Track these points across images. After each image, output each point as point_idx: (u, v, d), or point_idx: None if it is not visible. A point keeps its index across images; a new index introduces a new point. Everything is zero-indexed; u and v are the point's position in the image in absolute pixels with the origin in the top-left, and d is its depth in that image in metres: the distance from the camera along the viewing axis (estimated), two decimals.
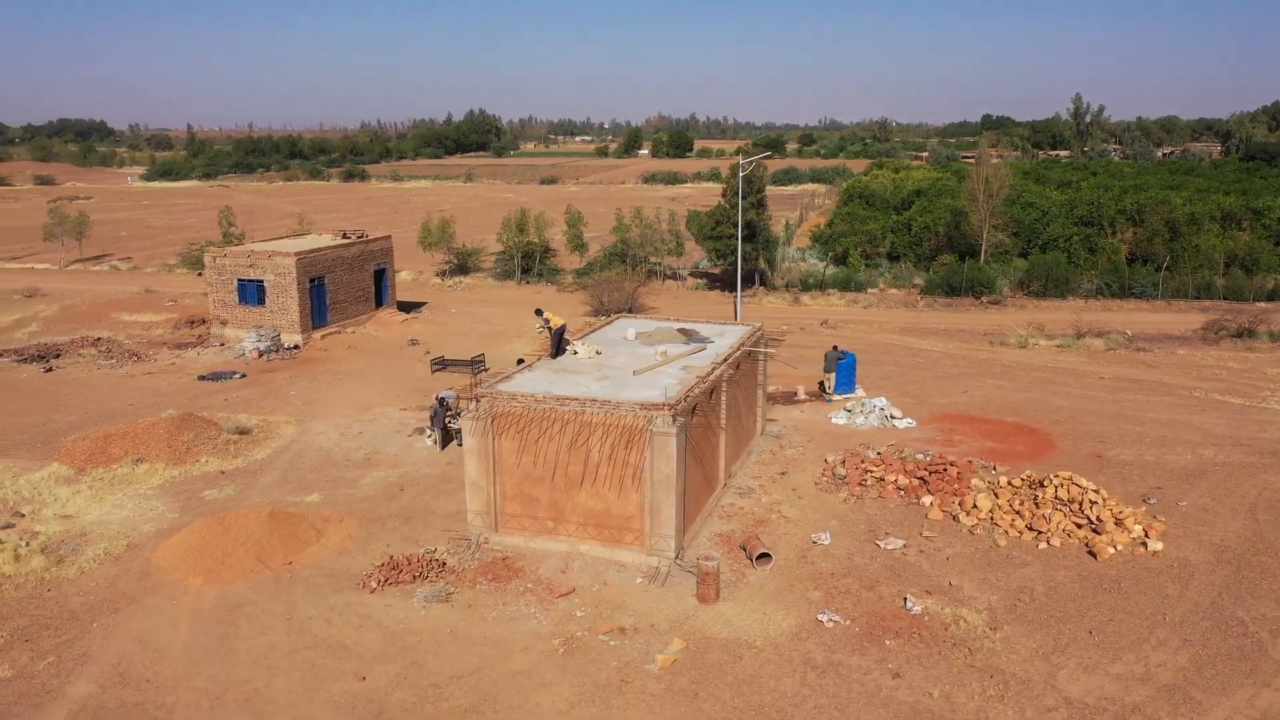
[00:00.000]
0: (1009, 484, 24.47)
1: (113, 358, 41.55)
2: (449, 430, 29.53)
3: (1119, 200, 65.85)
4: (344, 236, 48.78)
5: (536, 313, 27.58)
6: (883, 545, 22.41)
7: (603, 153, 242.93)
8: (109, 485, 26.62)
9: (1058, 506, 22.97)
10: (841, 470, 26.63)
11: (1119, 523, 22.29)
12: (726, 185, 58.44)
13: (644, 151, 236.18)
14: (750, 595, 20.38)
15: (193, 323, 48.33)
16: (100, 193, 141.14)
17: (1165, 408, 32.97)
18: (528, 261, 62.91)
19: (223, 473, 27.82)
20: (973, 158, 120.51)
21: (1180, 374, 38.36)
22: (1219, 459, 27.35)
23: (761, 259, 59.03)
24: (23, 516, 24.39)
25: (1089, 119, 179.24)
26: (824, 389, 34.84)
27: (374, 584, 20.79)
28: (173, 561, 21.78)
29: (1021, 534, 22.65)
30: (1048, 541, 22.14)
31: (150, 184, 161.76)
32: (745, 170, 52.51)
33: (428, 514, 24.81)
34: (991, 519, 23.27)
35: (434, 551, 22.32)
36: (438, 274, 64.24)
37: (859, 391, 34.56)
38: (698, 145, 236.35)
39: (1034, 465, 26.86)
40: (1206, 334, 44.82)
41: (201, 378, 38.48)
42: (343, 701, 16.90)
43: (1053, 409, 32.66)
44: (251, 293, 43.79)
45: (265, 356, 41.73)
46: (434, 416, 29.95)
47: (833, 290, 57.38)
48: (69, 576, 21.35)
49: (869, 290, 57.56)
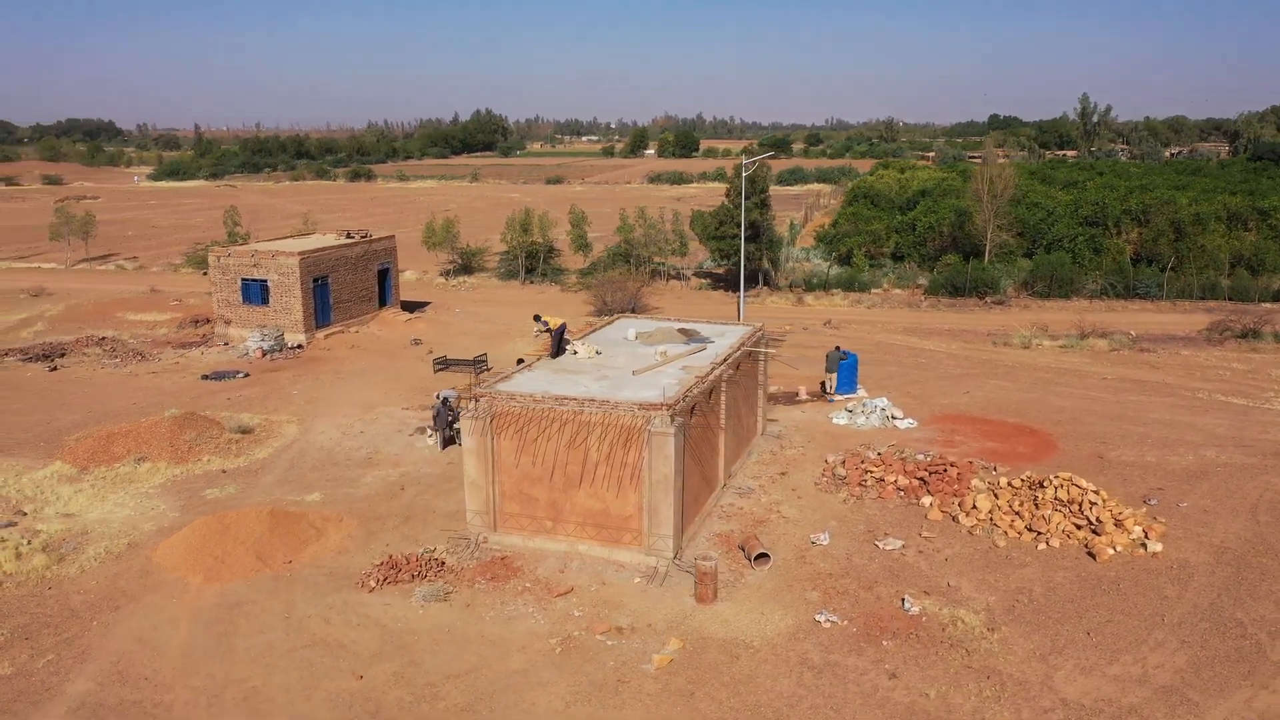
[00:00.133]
0: (1009, 485, 24.43)
1: (117, 357, 41.70)
2: (453, 431, 29.51)
3: (1124, 200, 65.63)
4: (347, 236, 48.91)
5: (535, 319, 27.58)
6: (882, 546, 22.39)
7: (609, 153, 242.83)
8: (111, 484, 26.73)
9: (1057, 507, 22.93)
10: (841, 471, 26.61)
11: (1119, 524, 22.24)
12: (730, 185, 58.41)
13: (650, 151, 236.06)
14: (748, 595, 20.39)
15: (197, 322, 48.48)
16: (107, 192, 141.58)
17: (1168, 409, 32.88)
18: (532, 261, 62.93)
19: (224, 472, 27.92)
20: (979, 158, 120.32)
21: (1184, 375, 38.24)
22: (1221, 460, 27.27)
23: (765, 259, 58.98)
24: (25, 515, 24.52)
25: (1096, 119, 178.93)
26: (825, 389, 34.81)
27: (373, 583, 20.85)
28: (173, 560, 21.87)
29: (1021, 535, 22.61)
30: (1047, 542, 22.11)
31: (157, 184, 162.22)
32: (748, 171, 52.48)
33: (428, 513, 24.87)
34: (991, 520, 23.23)
35: (433, 551, 22.37)
36: (442, 274, 64.33)
37: (860, 392, 34.53)
38: (704, 145, 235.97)
39: (1035, 466, 26.81)
40: (1211, 335, 44.67)
41: (205, 377, 38.60)
42: (340, 700, 16.96)
43: (1055, 409, 32.59)
44: (255, 292, 43.92)
45: (269, 356, 41.84)
46: (437, 416, 29.96)
47: (836, 290, 57.31)
48: (70, 575, 21.45)
49: (873, 290, 57.47)
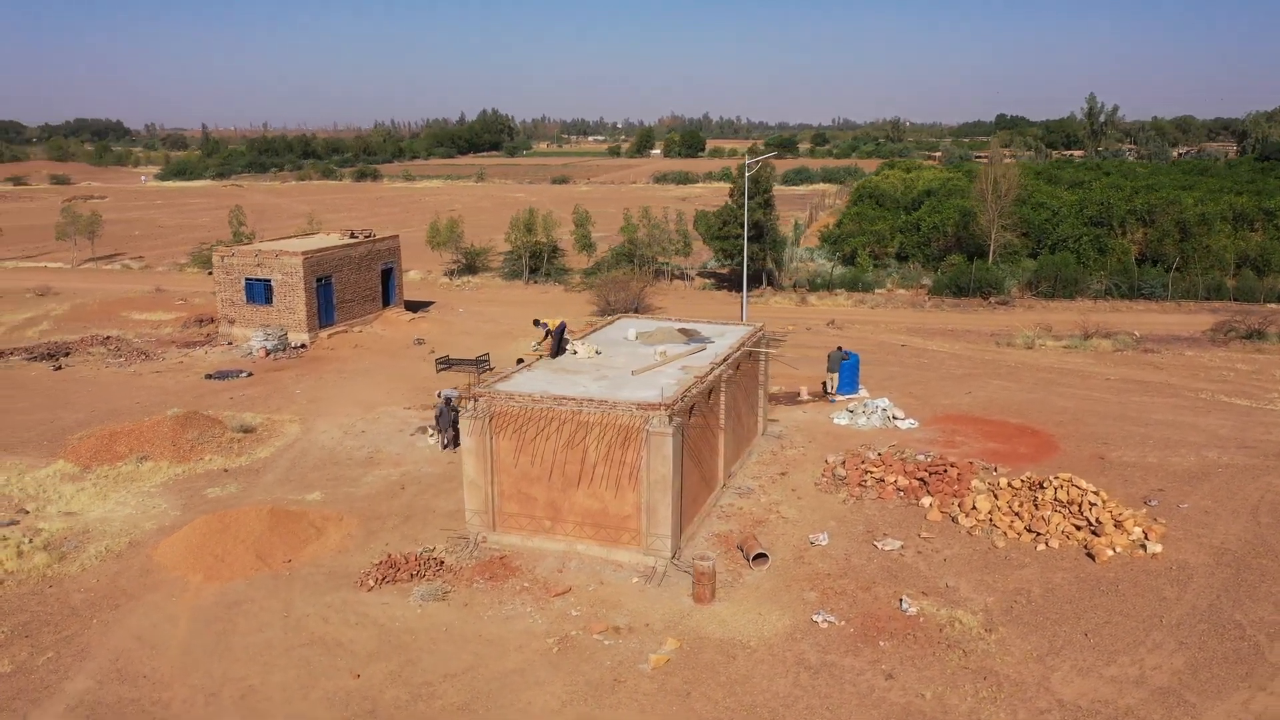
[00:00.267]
0: (1009, 485, 24.37)
1: (121, 356, 41.87)
2: (457, 430, 29.44)
3: (1129, 200, 65.46)
4: (351, 236, 49.02)
5: (535, 323, 27.60)
6: (880, 546, 22.38)
7: (615, 152, 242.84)
8: (113, 482, 26.84)
9: (1057, 508, 22.88)
10: (841, 471, 26.59)
11: (1118, 525, 22.19)
12: (734, 185, 58.42)
13: (656, 151, 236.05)
14: (746, 595, 20.39)
15: (201, 321, 48.64)
16: (114, 192, 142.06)
17: (1170, 409, 32.78)
18: (535, 261, 63.02)
19: (226, 471, 28.01)
20: (986, 158, 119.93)
21: (1187, 376, 38.13)
22: (1222, 461, 27.19)
23: (769, 259, 58.96)
24: (27, 513, 24.63)
25: (1103, 119, 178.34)
26: (827, 390, 34.78)
27: (371, 582, 20.90)
28: (173, 559, 21.95)
29: (1020, 535, 22.57)
30: (1046, 543, 22.06)
31: (164, 183, 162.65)
32: (751, 170, 52.45)
33: (428, 513, 24.92)
34: (990, 520, 23.18)
35: (432, 550, 22.42)
36: (446, 273, 64.44)
37: (862, 392, 34.50)
38: (710, 145, 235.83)
39: (1035, 467, 26.76)
40: (1215, 335, 44.55)
41: (208, 376, 38.73)
42: (337, 699, 17.01)
43: (1056, 410, 32.52)
44: (259, 292, 44.05)
45: (272, 355, 41.96)
46: (440, 416, 29.95)
47: (840, 290, 57.28)
48: (71, 573, 21.54)
49: (877, 291, 57.44)
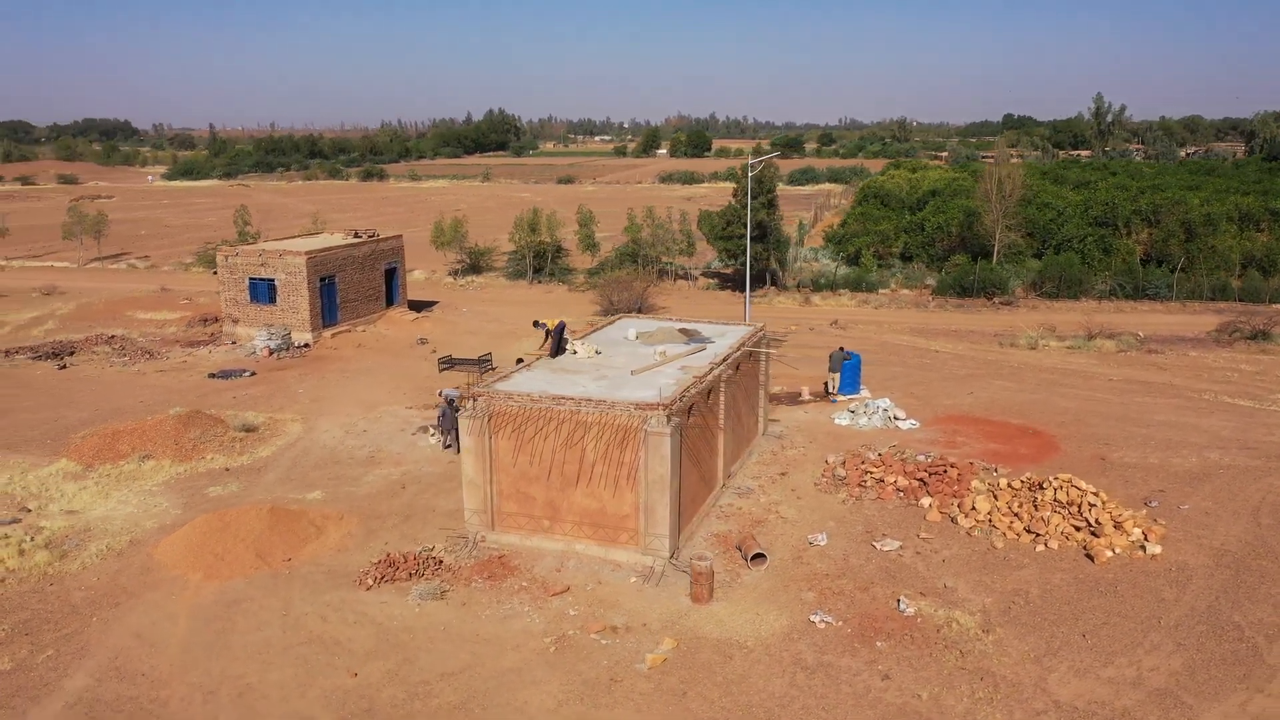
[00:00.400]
0: (1009, 486, 24.32)
1: (125, 355, 42.03)
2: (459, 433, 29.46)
3: (1134, 201, 65.29)
4: (355, 236, 49.11)
5: (535, 324, 27.63)
6: (879, 546, 22.36)
7: (621, 152, 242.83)
8: (115, 481, 26.95)
9: (1056, 509, 22.84)
10: (841, 471, 26.58)
11: (1118, 526, 22.14)
12: (737, 185, 58.41)
13: (662, 151, 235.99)
14: (744, 595, 20.40)
15: (206, 321, 48.80)
16: (122, 192, 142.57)
17: (1173, 410, 32.69)
18: (539, 261, 63.08)
19: (228, 470, 28.10)
20: (992, 157, 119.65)
21: (1191, 376, 38.01)
22: (1224, 462, 27.10)
23: (773, 259, 58.94)
24: (29, 511, 24.75)
25: (1110, 119, 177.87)
26: (829, 390, 34.76)
27: (370, 581, 20.96)
28: (174, 557, 22.03)
29: (1019, 536, 22.54)
30: (1045, 544, 22.03)
31: (171, 183, 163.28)
32: (754, 171, 52.44)
33: (428, 512, 24.98)
34: (990, 521, 23.15)
35: (431, 549, 22.47)
36: (450, 273, 64.56)
37: (863, 392, 34.47)
38: (716, 145, 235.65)
39: (1036, 467, 26.71)
40: (1220, 336, 44.39)
41: (212, 375, 38.86)
42: (333, 697, 17.07)
43: (1058, 411, 32.45)
44: (263, 291, 44.17)
45: (275, 355, 42.08)
46: (442, 416, 29.96)
47: (844, 290, 57.23)
48: (71, 571, 21.64)
49: (880, 291, 57.38)
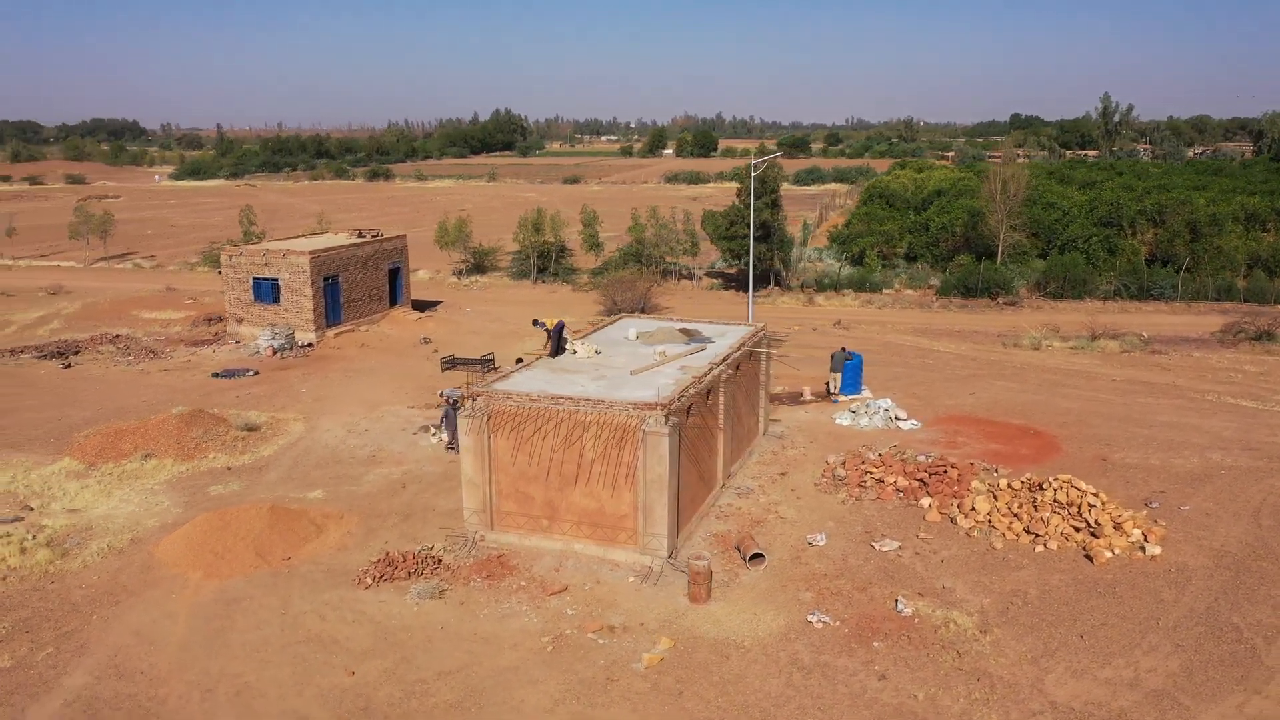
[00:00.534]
0: (1008, 486, 24.28)
1: (130, 354, 42.19)
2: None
3: (1140, 201, 65.10)
4: (359, 236, 49.22)
5: (534, 323, 27.66)
6: (878, 547, 22.34)
7: (627, 152, 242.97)
8: (117, 480, 27.05)
9: (1056, 510, 22.79)
10: (841, 471, 26.56)
11: (1118, 527, 22.09)
12: (741, 185, 58.38)
13: (668, 151, 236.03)
14: (742, 595, 20.40)
15: (210, 320, 48.95)
16: (129, 192, 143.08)
17: (1175, 411, 32.60)
18: (544, 261, 63.14)
19: (229, 469, 28.19)
20: (999, 158, 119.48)
21: (1194, 377, 37.90)
22: (1226, 463, 27.03)
23: (776, 259, 58.92)
24: (31, 510, 24.86)
25: (1117, 118, 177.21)
26: (830, 390, 34.74)
27: (369, 580, 21.01)
28: (174, 556, 22.11)
29: (1019, 537, 22.50)
30: (1045, 545, 21.99)
31: (178, 183, 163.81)
32: (757, 171, 52.42)
33: (428, 511, 25.02)
34: (989, 521, 23.12)
35: (430, 548, 22.52)
36: (454, 273, 64.64)
37: (865, 392, 34.44)
38: (722, 145, 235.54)
39: (1037, 468, 26.67)
40: (1224, 336, 44.25)
41: (215, 375, 38.98)
42: (331, 696, 17.11)
43: (1060, 411, 32.38)
44: (266, 291, 44.28)
45: (279, 354, 42.19)
46: (445, 417, 30.02)
47: (848, 291, 57.18)
48: (72, 569, 21.73)
49: (884, 291, 57.31)
